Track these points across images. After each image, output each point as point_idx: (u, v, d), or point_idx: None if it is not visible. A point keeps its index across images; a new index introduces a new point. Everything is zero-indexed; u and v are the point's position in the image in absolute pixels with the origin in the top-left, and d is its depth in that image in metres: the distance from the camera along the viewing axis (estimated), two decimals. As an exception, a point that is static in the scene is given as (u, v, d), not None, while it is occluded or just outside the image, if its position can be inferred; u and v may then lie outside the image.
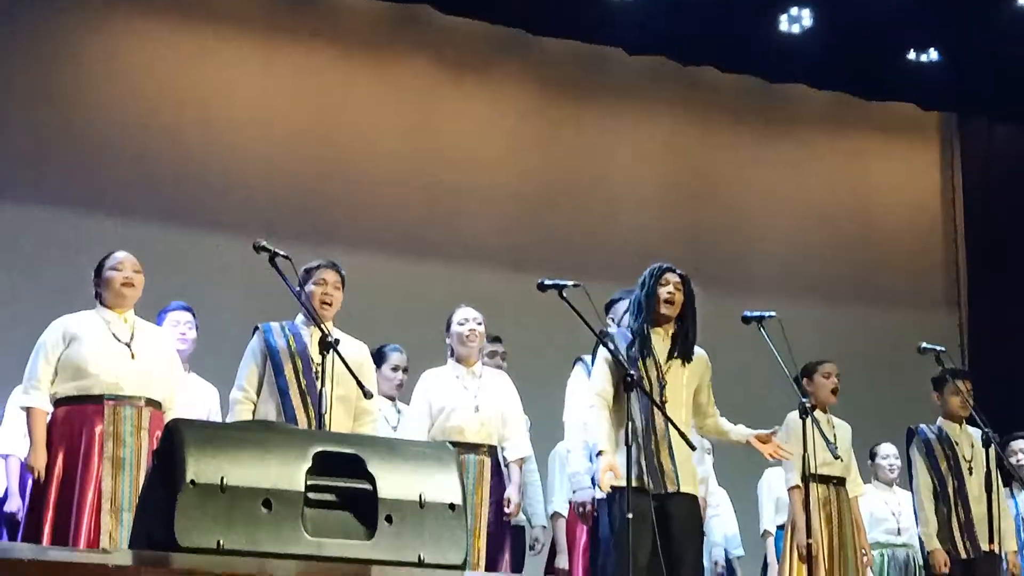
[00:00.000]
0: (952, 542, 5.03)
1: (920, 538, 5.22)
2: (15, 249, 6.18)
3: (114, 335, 3.98)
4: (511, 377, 4.96)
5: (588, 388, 4.13)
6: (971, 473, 5.10)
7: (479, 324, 4.62)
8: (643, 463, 3.92)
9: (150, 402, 3.97)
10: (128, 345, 3.98)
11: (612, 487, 3.88)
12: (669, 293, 4.10)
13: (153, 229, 6.39)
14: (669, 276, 4.13)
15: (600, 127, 7.80)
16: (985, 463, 4.97)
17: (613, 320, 4.39)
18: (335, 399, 3.98)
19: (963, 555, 5.02)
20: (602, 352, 4.11)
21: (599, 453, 3.94)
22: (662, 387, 4.04)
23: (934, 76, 7.93)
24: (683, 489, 4.01)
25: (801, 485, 4.85)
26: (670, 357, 4.10)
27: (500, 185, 7.52)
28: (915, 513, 5.27)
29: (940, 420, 5.28)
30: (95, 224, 6.27)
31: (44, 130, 6.45)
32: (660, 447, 3.99)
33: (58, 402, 3.93)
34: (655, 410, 3.99)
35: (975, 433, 5.17)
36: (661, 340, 4.13)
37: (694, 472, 4.10)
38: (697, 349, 4.19)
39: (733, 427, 4.22)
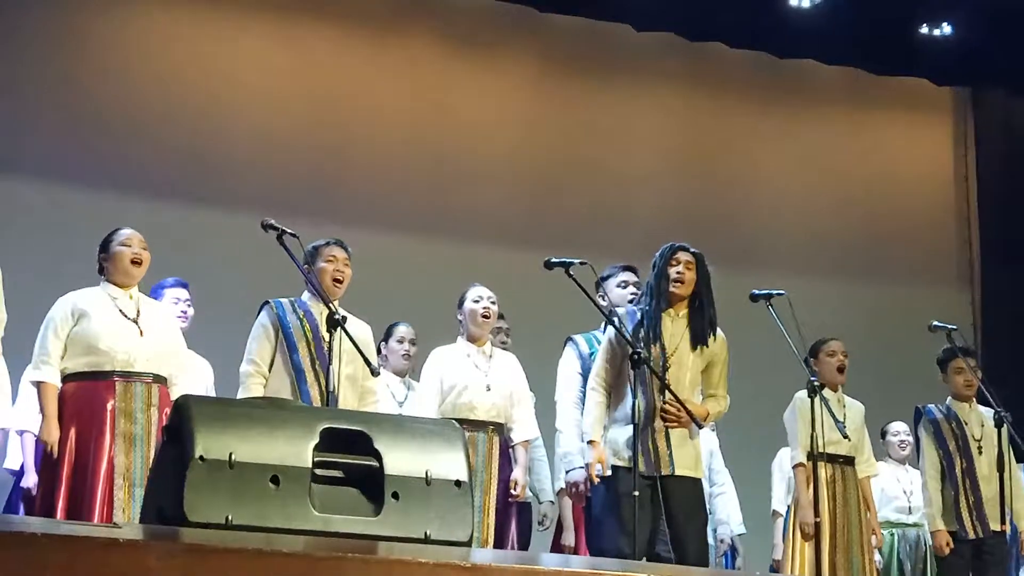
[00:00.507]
0: (960, 522, 5.01)
1: (926, 518, 5.22)
2: (11, 226, 6.18)
3: (121, 312, 4.01)
4: (516, 355, 4.96)
5: (591, 370, 4.12)
6: (981, 452, 5.08)
7: (493, 303, 4.63)
8: (637, 445, 3.90)
9: (158, 378, 4.01)
10: (135, 322, 4.01)
11: (611, 467, 3.90)
12: (678, 273, 4.04)
13: (158, 206, 6.40)
14: (680, 255, 4.07)
15: (607, 104, 7.76)
16: (997, 442, 4.95)
17: (604, 296, 4.33)
18: (344, 377, 4.00)
19: (972, 535, 5.00)
20: (608, 331, 4.11)
21: (589, 442, 3.95)
22: (664, 370, 4.01)
23: (947, 50, 7.85)
24: (678, 472, 3.98)
25: (806, 463, 4.86)
26: (682, 340, 4.05)
27: (507, 162, 7.50)
28: (923, 493, 5.27)
29: (949, 399, 5.27)
30: (100, 201, 6.28)
31: (47, 109, 6.45)
32: (657, 430, 3.98)
33: (68, 377, 3.96)
34: (655, 392, 3.97)
35: (985, 412, 5.14)
36: (672, 322, 4.08)
37: (694, 456, 4.06)
38: (718, 331, 4.12)
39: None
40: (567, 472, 4.26)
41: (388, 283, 6.30)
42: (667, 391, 3.95)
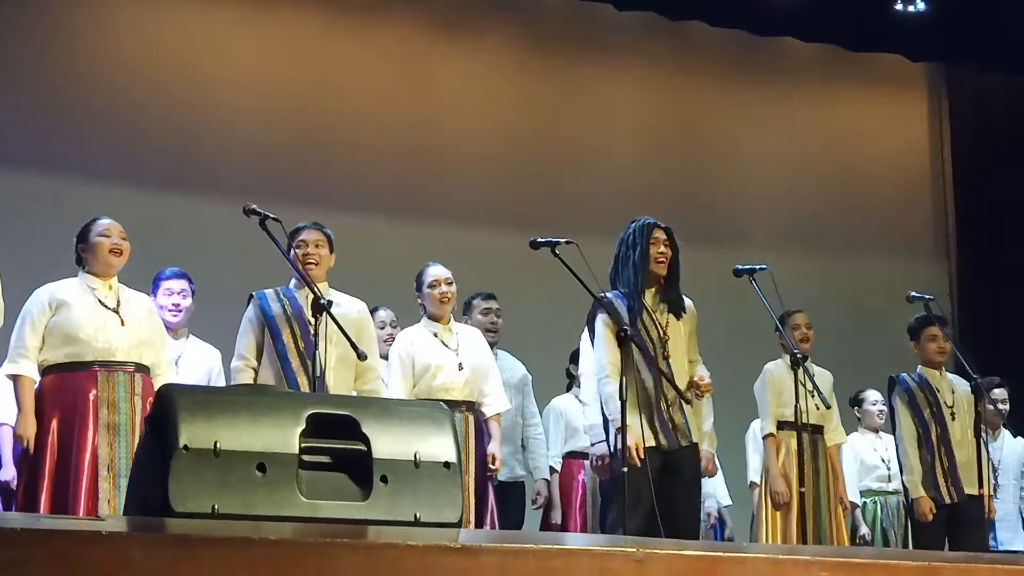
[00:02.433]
0: (936, 488, 5.09)
1: (905, 485, 5.28)
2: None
3: (101, 302, 3.96)
4: (506, 335, 4.95)
5: (599, 359, 4.15)
6: (953, 419, 5.16)
7: (450, 285, 4.59)
8: (656, 422, 4.01)
9: (140, 367, 3.96)
10: (116, 312, 3.96)
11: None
12: (660, 253, 4.16)
13: (143, 194, 6.35)
14: (657, 233, 4.17)
15: (589, 83, 7.75)
16: (973, 409, 5.01)
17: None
18: (335, 360, 3.99)
19: (947, 500, 5.08)
20: (602, 316, 4.13)
21: (618, 430, 3.97)
22: (664, 342, 4.10)
23: (921, 27, 7.89)
24: (694, 439, 4.13)
25: (776, 433, 4.93)
26: (664, 312, 4.17)
27: (490, 143, 7.48)
28: (899, 461, 5.32)
29: (920, 368, 5.32)
30: (83, 190, 6.22)
31: (32, 96, 6.38)
32: (671, 403, 4.07)
33: (48, 369, 3.91)
34: (660, 367, 4.06)
35: (955, 379, 5.23)
36: (653, 296, 4.19)
37: (700, 423, 4.21)
38: (685, 299, 4.25)
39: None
40: (592, 444, 4.28)
41: (371, 266, 6.27)
42: (667, 363, 4.05)
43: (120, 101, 6.58)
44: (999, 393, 5.89)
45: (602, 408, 4.14)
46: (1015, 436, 6.16)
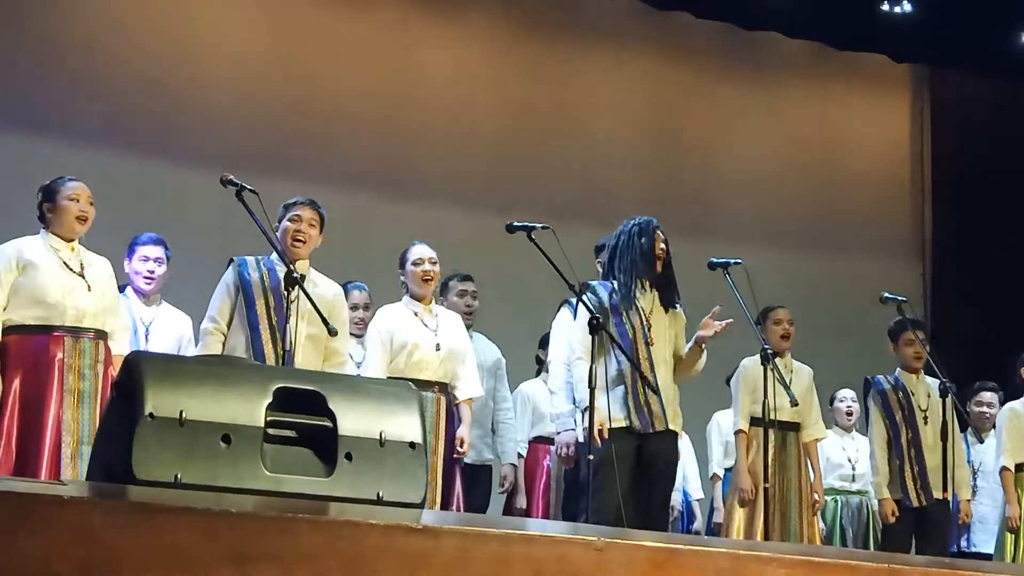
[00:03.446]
0: (905, 491, 5.12)
1: (872, 486, 5.32)
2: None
3: (66, 264, 3.92)
4: (478, 317, 4.94)
5: (574, 342, 4.21)
6: (926, 423, 5.18)
7: (434, 264, 4.59)
8: (630, 404, 4.08)
9: (101, 334, 3.93)
10: (82, 276, 3.93)
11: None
12: (661, 249, 4.32)
13: (121, 160, 6.29)
14: (658, 233, 4.34)
15: (573, 68, 7.73)
16: (941, 413, 5.05)
17: (602, 265, 4.46)
18: (306, 337, 3.97)
19: (916, 503, 5.11)
20: (577, 303, 4.18)
21: (585, 409, 4.02)
22: (647, 329, 4.20)
23: (906, 28, 7.93)
24: (669, 427, 4.20)
25: (747, 430, 4.95)
26: (655, 305, 4.30)
27: (471, 124, 7.46)
28: (870, 462, 5.36)
29: (897, 370, 5.35)
30: (59, 153, 6.15)
31: (11, 57, 6.30)
32: (648, 387, 4.14)
33: (11, 329, 3.86)
34: (640, 352, 4.13)
35: (932, 383, 5.25)
36: (641, 289, 4.30)
37: (677, 408, 4.27)
38: (678, 306, 4.39)
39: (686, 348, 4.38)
40: (559, 433, 4.30)
41: (349, 243, 6.25)
42: (648, 348, 4.16)
43: (102, 65, 6.51)
44: (988, 396, 5.92)
45: (572, 392, 4.17)
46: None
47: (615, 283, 4.28)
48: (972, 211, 8.36)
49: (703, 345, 4.29)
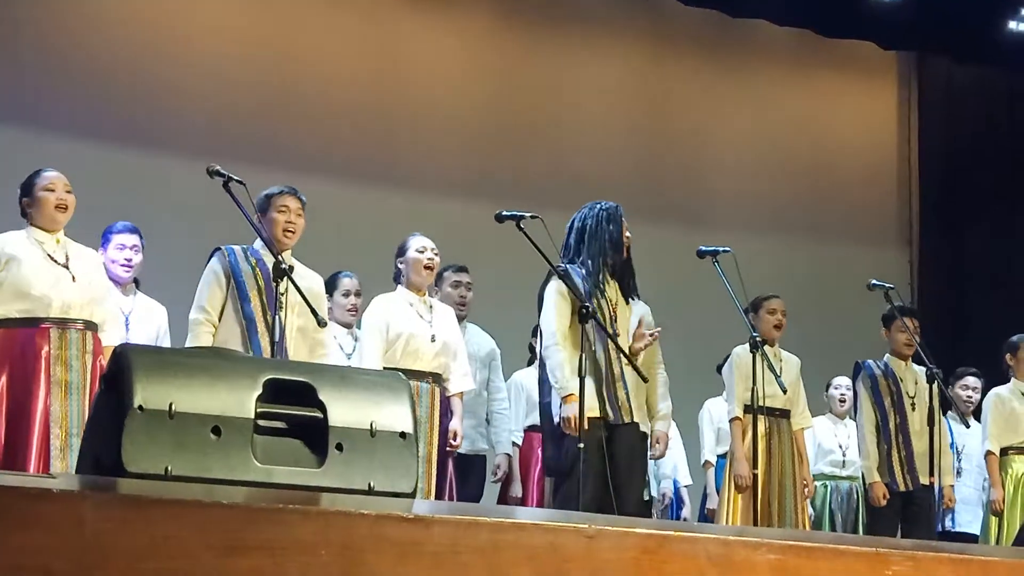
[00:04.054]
0: (892, 475, 5.18)
1: (862, 471, 5.37)
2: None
3: (50, 256, 3.91)
4: (474, 307, 4.93)
5: (549, 326, 4.19)
6: (914, 409, 5.24)
7: (436, 254, 4.60)
8: (604, 394, 4.08)
9: (89, 325, 3.92)
10: (67, 267, 3.91)
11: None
12: (627, 238, 4.30)
13: (104, 150, 6.26)
14: (624, 221, 4.31)
15: (560, 56, 7.72)
16: (928, 399, 5.10)
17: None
18: (295, 329, 3.96)
19: (902, 487, 5.18)
20: (558, 286, 4.15)
21: (567, 397, 4.03)
22: (613, 321, 4.19)
23: (894, 15, 7.94)
24: (635, 418, 4.20)
25: (742, 417, 4.97)
26: (617, 295, 4.29)
27: (458, 113, 7.44)
28: (859, 447, 5.41)
29: (887, 356, 5.40)
30: (41, 143, 6.11)
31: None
32: (616, 380, 4.14)
33: (-5, 323, 3.86)
34: (611, 344, 4.13)
35: (920, 370, 5.30)
36: (607, 276, 4.30)
37: (642, 404, 4.26)
38: (640, 300, 4.39)
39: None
40: (562, 407, 4.29)
41: (335, 232, 6.23)
42: (615, 343, 4.13)
43: (82, 55, 6.47)
44: (971, 381, 5.97)
45: (547, 375, 4.17)
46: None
47: (583, 270, 4.26)
48: (958, 198, 8.39)
49: (638, 355, 4.27)
